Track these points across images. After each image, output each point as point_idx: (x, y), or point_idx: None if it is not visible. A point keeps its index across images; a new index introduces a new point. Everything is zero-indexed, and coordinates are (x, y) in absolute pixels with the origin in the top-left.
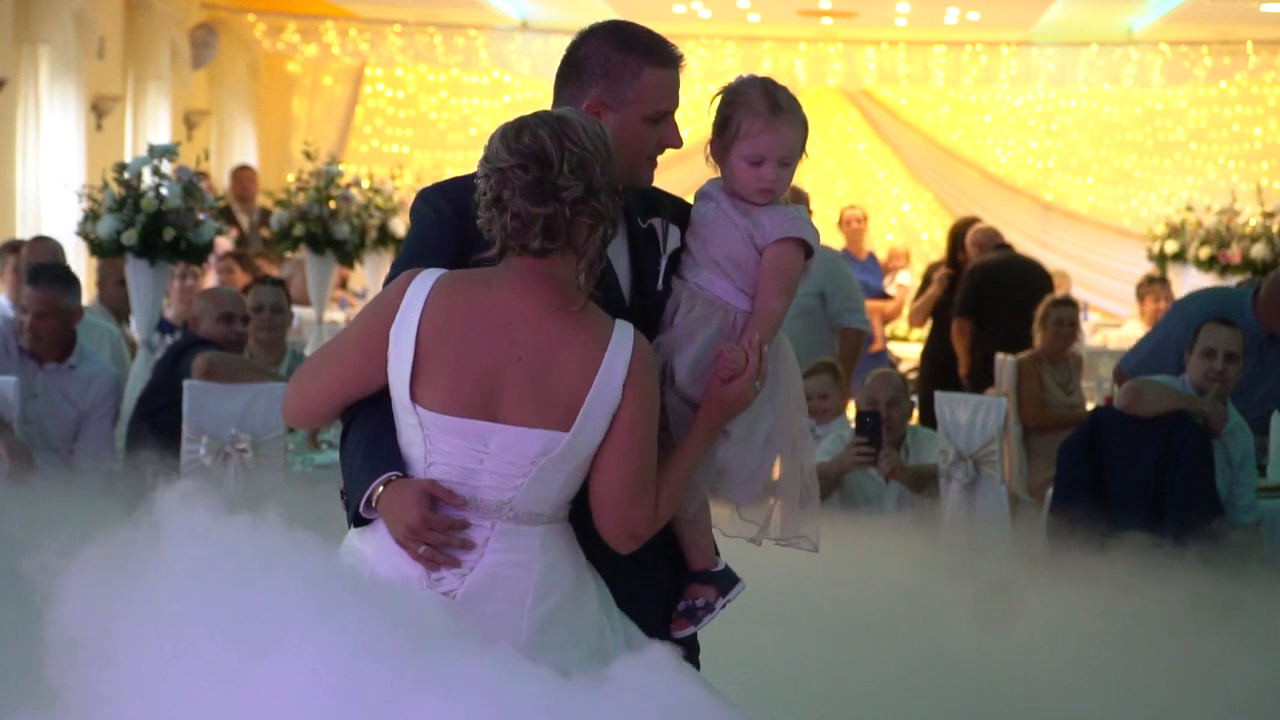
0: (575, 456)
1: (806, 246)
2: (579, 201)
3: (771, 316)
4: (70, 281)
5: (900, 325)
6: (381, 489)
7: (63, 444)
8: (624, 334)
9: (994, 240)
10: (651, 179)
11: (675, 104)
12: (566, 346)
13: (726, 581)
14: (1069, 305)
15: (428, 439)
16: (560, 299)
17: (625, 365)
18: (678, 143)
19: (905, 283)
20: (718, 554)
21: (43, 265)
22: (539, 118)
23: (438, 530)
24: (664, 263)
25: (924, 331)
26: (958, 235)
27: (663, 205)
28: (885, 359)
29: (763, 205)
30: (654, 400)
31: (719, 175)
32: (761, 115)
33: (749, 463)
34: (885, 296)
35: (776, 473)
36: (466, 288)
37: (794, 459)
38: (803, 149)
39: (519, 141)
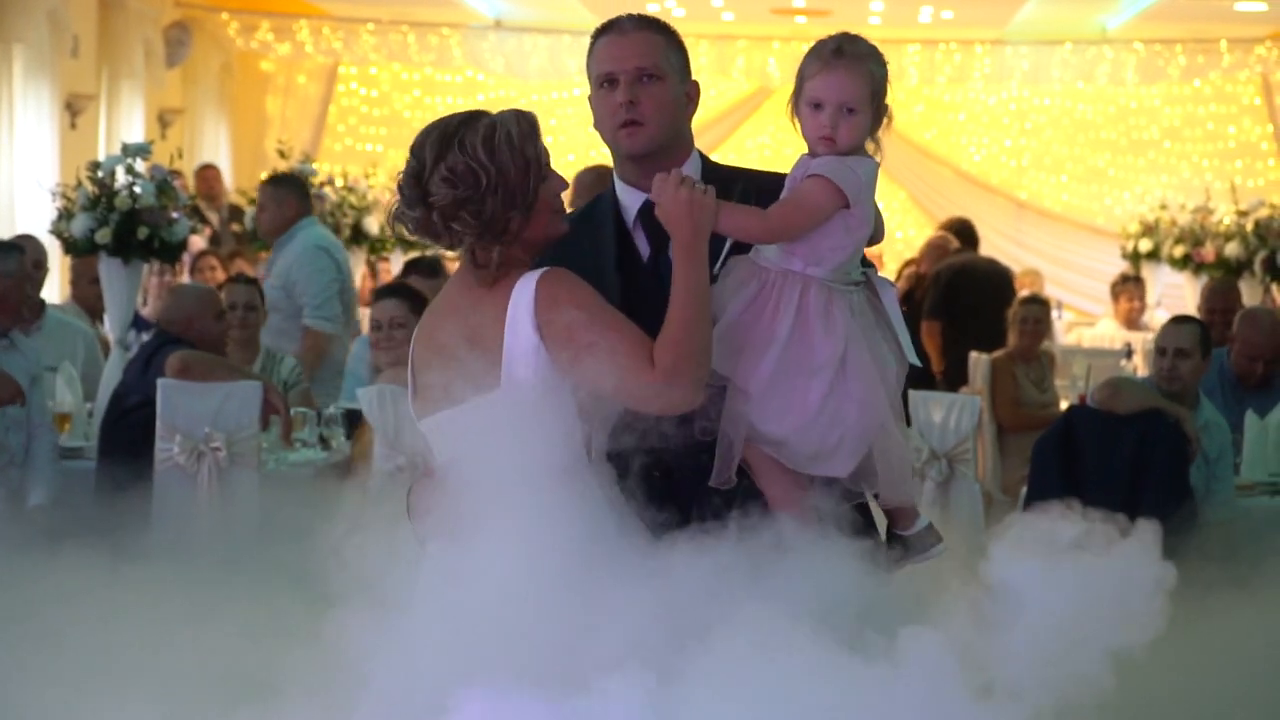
0: (519, 410)
1: (842, 194)
2: (449, 208)
3: (754, 212)
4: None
5: None
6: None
7: (22, 416)
8: (526, 281)
9: (949, 245)
10: (632, 148)
11: (622, 67)
12: (484, 316)
13: (920, 545)
14: (1036, 303)
15: (431, 442)
16: (475, 278)
17: (529, 309)
18: (622, 99)
19: None
20: (916, 517)
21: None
22: (462, 121)
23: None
24: (726, 248)
25: None
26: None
27: (734, 189)
28: None
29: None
30: (579, 305)
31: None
32: (822, 58)
33: (811, 435)
34: None
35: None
36: (431, 315)
37: (870, 421)
38: (873, 99)
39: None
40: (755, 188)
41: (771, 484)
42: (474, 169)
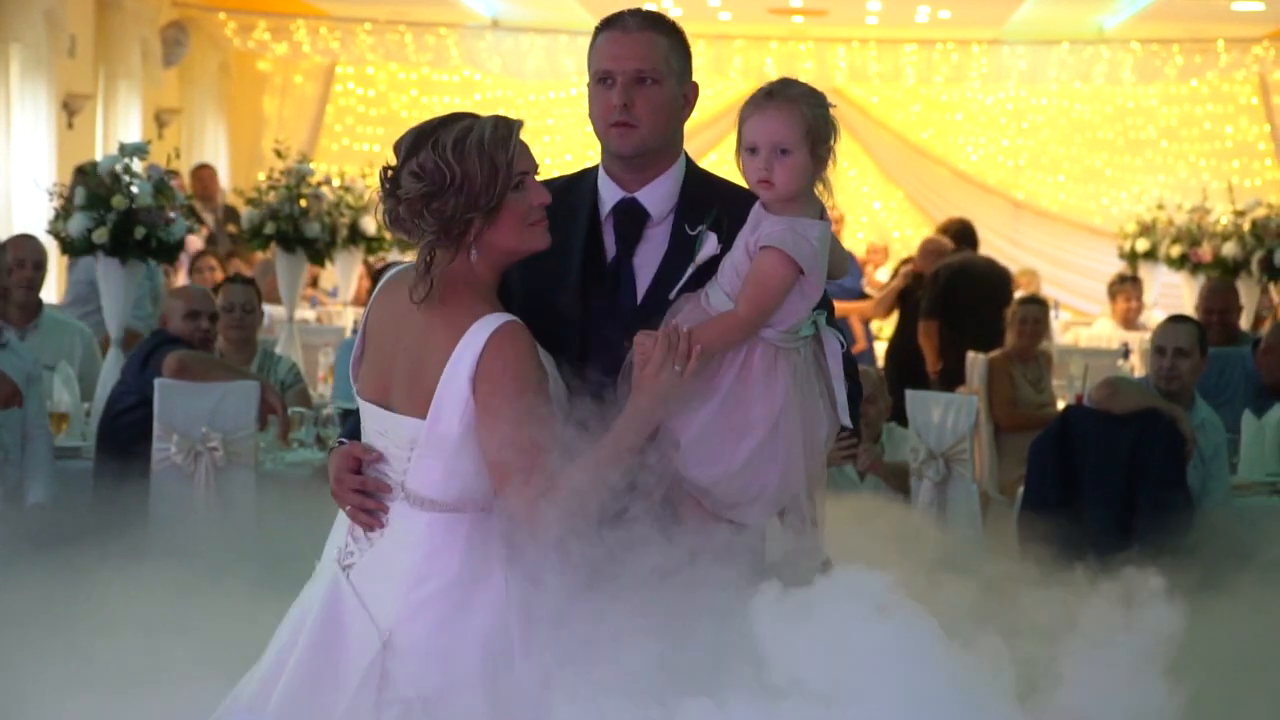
0: (440, 444)
1: (796, 265)
2: (414, 203)
3: (728, 318)
4: None
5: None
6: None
7: (20, 415)
8: (483, 328)
9: (944, 248)
10: (621, 149)
11: (620, 67)
12: (434, 339)
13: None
14: (1034, 303)
15: (363, 420)
16: (438, 292)
17: (474, 358)
18: (616, 101)
19: (880, 279)
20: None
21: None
22: (441, 122)
23: (354, 489)
24: (689, 270)
25: (890, 330)
26: (945, 233)
27: (710, 211)
28: (870, 359)
29: (775, 207)
30: (509, 388)
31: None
32: (755, 102)
33: (732, 487)
34: (863, 296)
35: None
36: (395, 283)
37: (790, 483)
38: (807, 138)
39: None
40: (730, 211)
41: (686, 516)
42: (440, 167)
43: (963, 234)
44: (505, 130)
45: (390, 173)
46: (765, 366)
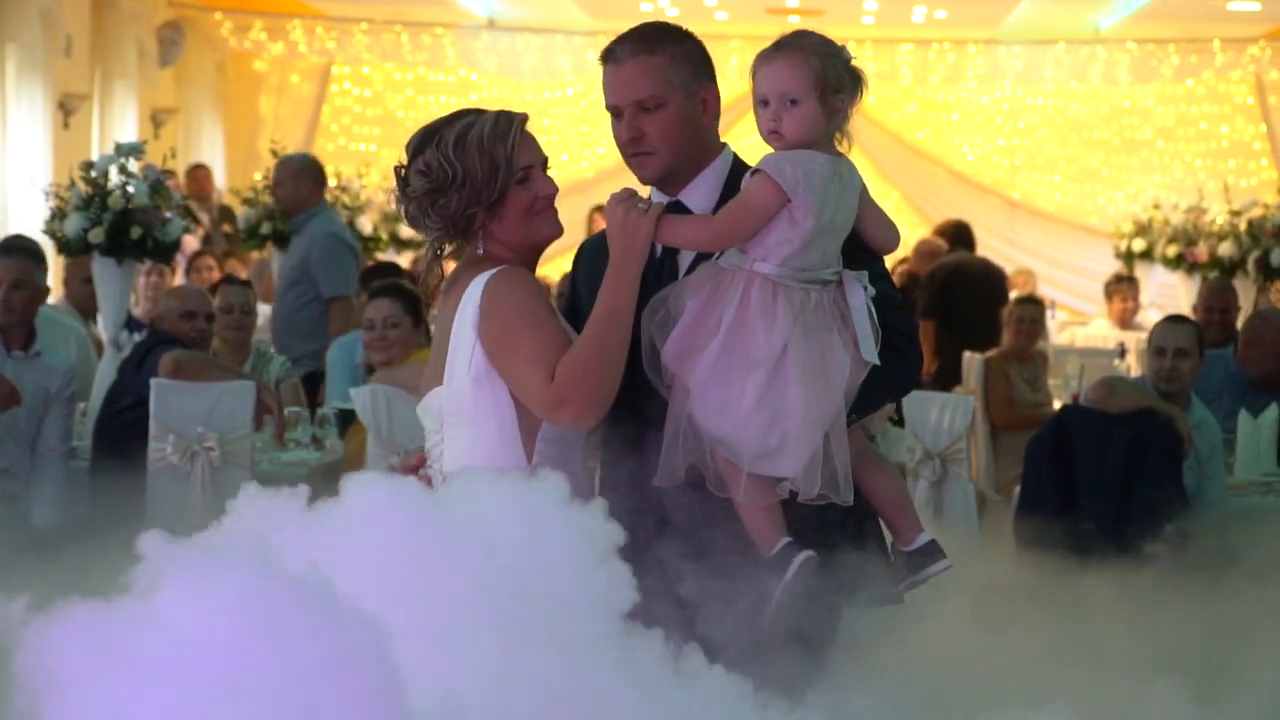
0: (459, 402)
1: (780, 189)
2: (421, 200)
3: (700, 218)
4: (41, 259)
5: None
6: None
7: (29, 431)
8: (475, 287)
9: (939, 249)
10: (644, 178)
11: (622, 100)
12: (446, 313)
13: (918, 561)
14: (1031, 303)
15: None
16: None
17: (475, 307)
18: (622, 137)
19: None
20: (918, 532)
21: (13, 238)
22: (446, 120)
23: None
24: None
25: None
26: (941, 235)
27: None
28: None
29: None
30: (513, 306)
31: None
32: (763, 54)
33: (751, 433)
34: None
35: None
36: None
37: (812, 426)
38: (817, 87)
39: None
40: None
41: (734, 486)
42: (443, 165)
43: (958, 236)
44: (505, 125)
45: (403, 171)
46: (764, 302)
